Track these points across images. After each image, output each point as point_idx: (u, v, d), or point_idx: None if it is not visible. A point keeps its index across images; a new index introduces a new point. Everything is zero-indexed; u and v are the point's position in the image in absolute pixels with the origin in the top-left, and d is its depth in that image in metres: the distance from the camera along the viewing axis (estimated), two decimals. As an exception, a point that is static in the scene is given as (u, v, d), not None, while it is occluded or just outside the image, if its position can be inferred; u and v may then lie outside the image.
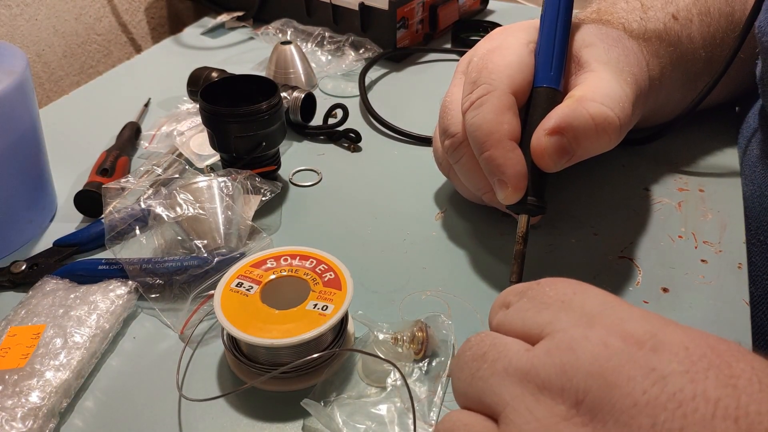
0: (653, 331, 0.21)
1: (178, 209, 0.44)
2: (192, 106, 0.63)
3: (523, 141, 0.40)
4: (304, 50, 0.73)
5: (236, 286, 0.37)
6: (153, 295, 0.42)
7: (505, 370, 0.23)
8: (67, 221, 0.50)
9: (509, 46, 0.42)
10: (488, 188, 0.43)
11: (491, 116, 0.39)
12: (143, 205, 0.45)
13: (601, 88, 0.40)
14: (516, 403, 0.22)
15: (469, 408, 0.25)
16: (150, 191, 0.47)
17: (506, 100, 0.40)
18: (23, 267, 0.44)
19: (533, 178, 0.39)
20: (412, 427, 0.33)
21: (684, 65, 0.50)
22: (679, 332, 0.21)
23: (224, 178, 0.47)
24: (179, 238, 0.45)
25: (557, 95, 0.41)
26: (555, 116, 0.39)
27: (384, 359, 0.36)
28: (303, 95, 0.60)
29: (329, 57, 0.75)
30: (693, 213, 0.49)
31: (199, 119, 0.59)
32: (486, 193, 0.45)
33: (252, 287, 0.37)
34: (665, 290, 0.43)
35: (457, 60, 0.75)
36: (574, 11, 0.44)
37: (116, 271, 0.43)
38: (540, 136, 0.39)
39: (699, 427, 0.19)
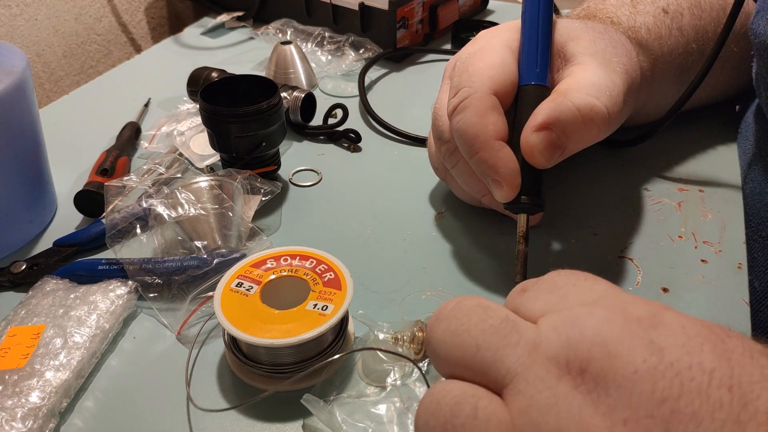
0: (653, 311, 0.23)
1: (179, 209, 0.44)
2: (192, 106, 0.63)
3: (514, 140, 0.40)
4: (304, 50, 0.73)
5: (236, 286, 0.37)
6: (151, 295, 0.42)
7: (516, 343, 0.23)
8: (67, 221, 0.50)
9: (491, 47, 0.42)
10: (486, 190, 0.43)
11: (475, 119, 0.39)
12: (144, 204, 0.45)
13: (586, 78, 0.40)
14: (527, 373, 0.22)
15: (461, 378, 0.24)
16: (151, 190, 0.47)
17: (488, 100, 0.39)
18: (23, 267, 0.44)
19: (527, 177, 0.39)
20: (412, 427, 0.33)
21: (676, 58, 0.50)
22: (676, 315, 0.23)
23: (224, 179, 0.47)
24: (179, 238, 0.45)
25: (545, 91, 0.41)
26: (541, 112, 0.39)
27: (400, 354, 0.35)
28: (303, 95, 0.60)
29: (329, 57, 0.75)
30: (693, 213, 0.49)
31: (199, 119, 0.59)
32: (484, 195, 0.45)
33: (252, 287, 0.37)
34: (665, 290, 0.43)
35: (457, 60, 0.75)
36: (566, 11, 0.44)
37: (116, 271, 0.43)
38: (528, 134, 0.39)
39: (695, 394, 0.19)
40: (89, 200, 0.50)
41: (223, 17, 0.85)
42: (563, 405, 0.21)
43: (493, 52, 0.42)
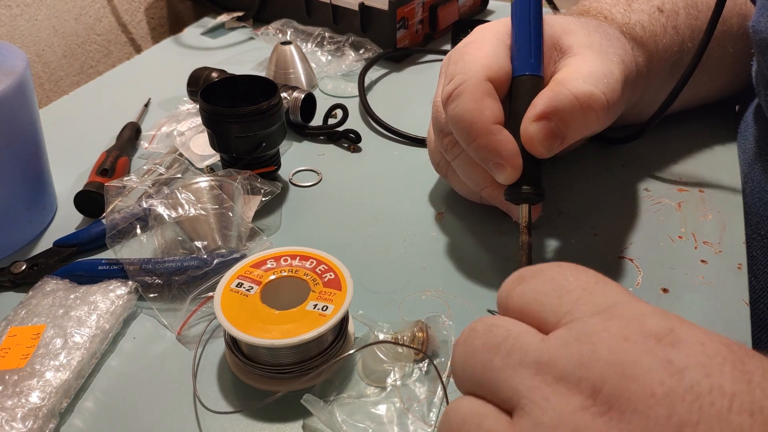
0: (671, 326, 0.21)
1: (179, 209, 0.44)
2: (192, 107, 0.63)
3: (510, 130, 0.40)
4: (304, 50, 0.73)
5: (236, 286, 0.37)
6: (151, 295, 0.42)
7: (520, 362, 0.23)
8: (67, 221, 0.50)
9: (485, 39, 0.43)
10: (487, 182, 0.43)
11: (471, 105, 0.39)
12: (144, 205, 0.45)
13: (583, 68, 0.40)
14: (532, 394, 0.22)
15: (476, 395, 0.24)
16: (151, 190, 0.47)
17: (483, 86, 0.39)
18: (23, 267, 0.44)
19: (527, 167, 0.39)
20: (414, 425, 0.33)
21: (671, 56, 0.50)
22: (694, 329, 0.22)
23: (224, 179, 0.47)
24: (179, 238, 0.45)
25: (539, 82, 0.41)
26: (539, 102, 0.39)
27: (412, 347, 0.36)
28: (303, 95, 0.60)
29: (329, 57, 0.75)
30: (693, 213, 0.49)
31: (199, 119, 0.59)
32: (485, 188, 0.44)
33: (252, 287, 0.37)
34: (665, 291, 0.43)
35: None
36: (563, 11, 0.44)
37: (116, 272, 0.43)
38: (527, 125, 0.39)
39: (715, 420, 0.19)
40: (89, 200, 0.50)
41: (223, 17, 0.85)
42: (570, 425, 0.20)
43: (486, 43, 0.42)
